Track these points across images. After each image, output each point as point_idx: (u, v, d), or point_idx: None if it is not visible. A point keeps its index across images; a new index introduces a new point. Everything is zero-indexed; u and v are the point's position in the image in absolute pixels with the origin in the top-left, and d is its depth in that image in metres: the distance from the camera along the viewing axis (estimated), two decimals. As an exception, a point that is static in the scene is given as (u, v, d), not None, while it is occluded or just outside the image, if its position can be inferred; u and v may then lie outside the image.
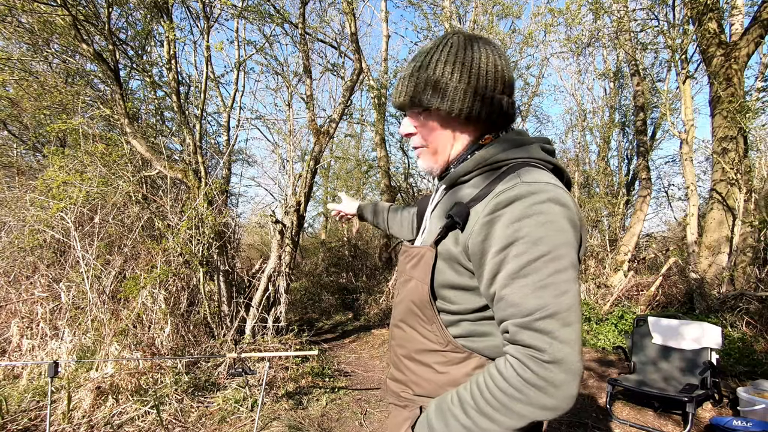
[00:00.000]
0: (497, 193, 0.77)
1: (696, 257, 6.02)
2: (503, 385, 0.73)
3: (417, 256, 0.91)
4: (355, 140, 12.75)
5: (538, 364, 0.69)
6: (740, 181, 5.58)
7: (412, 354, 0.93)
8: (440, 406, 0.83)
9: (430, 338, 0.89)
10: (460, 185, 0.91)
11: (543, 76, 10.44)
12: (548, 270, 0.71)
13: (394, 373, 1.00)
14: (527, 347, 0.71)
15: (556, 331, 0.69)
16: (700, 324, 3.53)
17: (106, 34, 4.32)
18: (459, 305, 0.85)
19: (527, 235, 0.72)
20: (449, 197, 0.92)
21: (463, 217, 0.81)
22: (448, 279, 0.85)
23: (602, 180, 9.90)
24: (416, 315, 0.91)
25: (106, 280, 3.98)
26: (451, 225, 0.83)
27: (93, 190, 4.11)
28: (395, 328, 1.00)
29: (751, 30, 5.78)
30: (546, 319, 0.69)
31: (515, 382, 0.71)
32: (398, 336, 0.98)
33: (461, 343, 0.86)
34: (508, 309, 0.73)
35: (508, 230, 0.73)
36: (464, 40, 0.87)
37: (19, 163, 6.19)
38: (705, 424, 3.16)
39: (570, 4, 6.81)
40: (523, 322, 0.71)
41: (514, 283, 0.73)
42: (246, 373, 3.11)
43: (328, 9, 7.63)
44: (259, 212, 9.30)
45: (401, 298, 0.96)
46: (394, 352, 1.00)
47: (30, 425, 2.93)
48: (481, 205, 0.79)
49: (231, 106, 6.34)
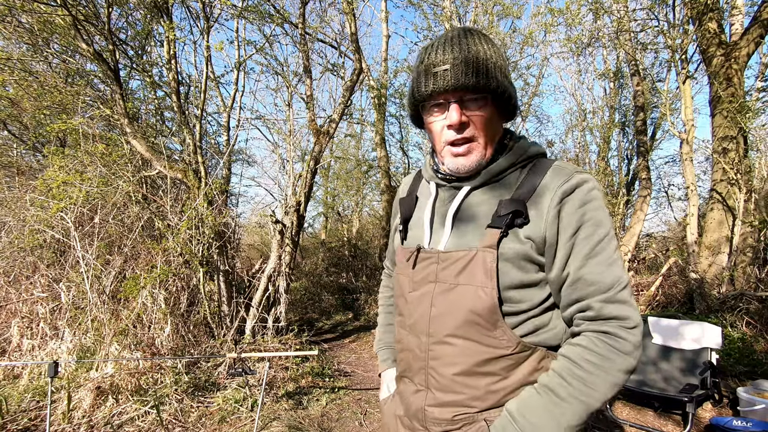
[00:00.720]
0: (558, 183, 0.82)
1: (696, 257, 6.02)
2: (596, 358, 0.77)
3: (461, 260, 0.85)
4: (355, 140, 12.75)
5: (627, 332, 0.77)
6: (740, 181, 5.58)
7: (473, 368, 0.85)
8: (524, 402, 0.81)
9: (495, 345, 0.84)
10: (493, 183, 0.89)
11: (543, 76, 10.45)
12: (612, 247, 0.80)
13: (440, 396, 0.88)
14: (615, 318, 0.78)
15: (630, 299, 0.78)
16: (700, 324, 3.53)
17: (106, 34, 4.32)
18: (525, 303, 0.84)
19: (591, 218, 0.80)
20: (484, 194, 0.89)
21: (525, 211, 0.82)
22: (513, 279, 0.83)
23: (602, 180, 9.89)
24: (477, 324, 0.83)
25: (106, 280, 3.97)
26: (511, 223, 0.82)
27: (93, 190, 4.11)
28: (441, 345, 0.87)
29: (751, 30, 5.78)
30: (623, 290, 0.78)
31: (608, 352, 0.77)
32: (448, 353, 0.87)
33: (527, 340, 0.85)
34: (589, 287, 0.79)
35: (575, 216, 0.80)
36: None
37: (19, 163, 6.19)
38: (705, 424, 3.16)
39: (570, 4, 6.81)
40: (607, 296, 0.78)
41: (589, 263, 0.79)
42: (246, 373, 3.11)
43: (328, 9, 7.64)
44: (259, 212, 9.30)
45: (446, 310, 0.86)
46: (437, 373, 0.88)
47: (30, 425, 2.93)
48: (541, 196, 0.82)
49: (231, 106, 6.34)
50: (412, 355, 0.94)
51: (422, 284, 0.91)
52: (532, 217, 0.82)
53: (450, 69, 0.82)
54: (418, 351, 0.91)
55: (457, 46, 0.84)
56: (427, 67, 0.85)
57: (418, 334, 0.91)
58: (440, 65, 0.83)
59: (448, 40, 0.86)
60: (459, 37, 0.85)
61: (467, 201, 0.90)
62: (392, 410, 1.03)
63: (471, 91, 0.83)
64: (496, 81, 0.83)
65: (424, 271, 0.91)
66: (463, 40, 0.84)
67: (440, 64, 0.83)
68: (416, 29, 9.18)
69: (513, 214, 0.82)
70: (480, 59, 0.82)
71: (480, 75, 0.82)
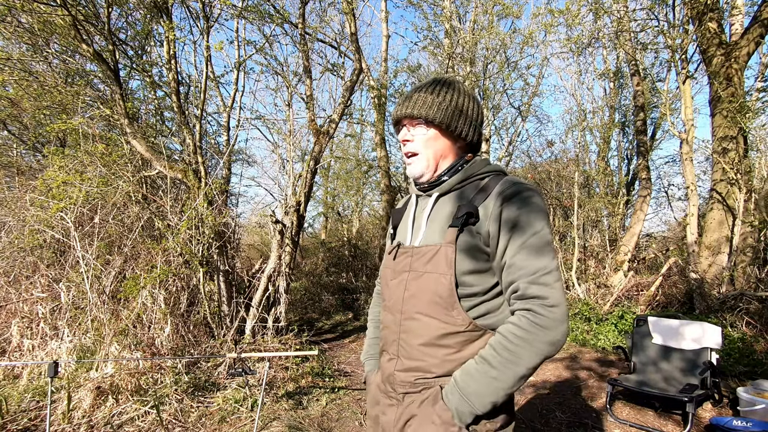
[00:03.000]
0: (501, 191, 1.02)
1: (696, 257, 6.02)
2: (520, 332, 0.94)
3: (429, 253, 1.06)
4: (355, 140, 12.75)
5: (546, 309, 0.93)
6: (740, 181, 5.57)
7: (433, 340, 1.04)
8: (466, 371, 0.99)
9: (451, 322, 1.02)
10: (455, 191, 1.12)
11: (543, 76, 10.45)
12: (543, 242, 0.98)
13: (406, 362, 1.08)
14: (536, 297, 0.94)
15: (554, 284, 0.95)
16: (700, 324, 3.53)
17: (106, 34, 4.32)
18: (478, 287, 1.03)
19: (527, 219, 0.99)
20: (448, 201, 1.12)
21: (476, 213, 1.03)
22: (467, 266, 1.02)
23: (602, 180, 9.90)
24: (438, 304, 1.03)
25: (106, 280, 3.97)
26: (465, 222, 1.03)
27: (93, 190, 4.11)
28: (410, 320, 1.08)
29: (752, 30, 5.78)
30: (547, 275, 0.95)
31: (529, 327, 0.94)
32: (414, 327, 1.07)
33: (479, 322, 1.03)
34: (519, 271, 0.97)
35: (513, 215, 0.99)
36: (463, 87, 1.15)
37: (19, 163, 6.20)
38: (705, 424, 3.16)
39: (570, 4, 6.81)
40: (532, 279, 0.96)
41: (521, 252, 0.97)
42: (246, 373, 3.11)
43: (328, 9, 7.63)
44: (259, 212, 9.30)
45: (414, 292, 1.07)
46: (406, 344, 1.09)
47: (30, 425, 2.93)
48: (489, 201, 1.03)
49: (231, 106, 6.34)
50: (388, 331, 1.15)
51: (400, 273, 1.12)
52: (481, 217, 1.03)
53: (408, 103, 1.11)
54: (393, 326, 1.13)
55: (422, 88, 1.12)
56: (399, 100, 1.16)
57: (393, 312, 1.13)
58: (403, 101, 1.13)
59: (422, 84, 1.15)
60: (429, 83, 1.13)
61: (436, 206, 1.13)
62: (375, 381, 1.23)
63: (415, 118, 1.10)
64: (441, 116, 1.08)
65: (402, 263, 1.13)
66: (430, 86, 1.12)
67: (404, 99, 1.13)
68: (416, 29, 9.18)
69: (467, 215, 1.03)
70: (429, 100, 1.09)
71: (423, 108, 1.08)
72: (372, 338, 1.43)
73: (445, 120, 1.09)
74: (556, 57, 10.52)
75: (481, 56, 9.24)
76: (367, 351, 1.42)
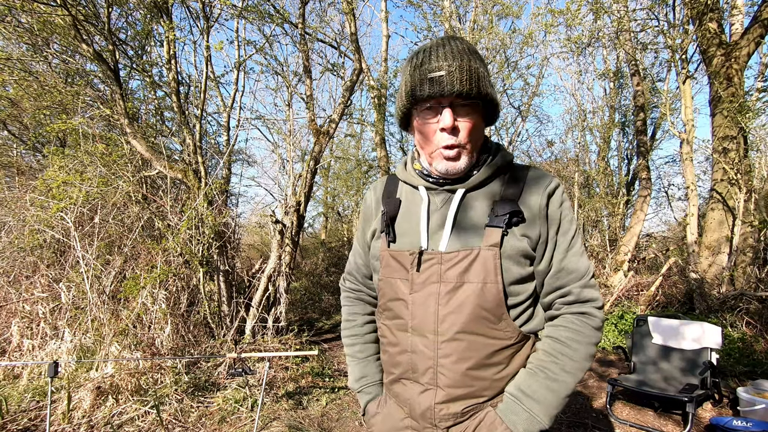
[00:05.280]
0: (545, 187, 0.94)
1: (696, 257, 6.01)
2: (579, 336, 0.91)
3: (466, 258, 0.89)
4: (355, 140, 12.75)
5: (598, 311, 0.93)
6: (740, 181, 5.57)
7: (483, 361, 0.90)
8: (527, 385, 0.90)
9: (500, 337, 0.91)
10: (482, 186, 0.96)
11: (543, 76, 10.44)
12: (581, 240, 0.95)
13: (451, 392, 0.91)
14: (589, 300, 0.92)
15: (596, 283, 0.97)
16: (700, 324, 3.53)
17: (106, 34, 4.32)
18: (523, 295, 0.94)
19: (567, 216, 0.95)
20: (478, 197, 0.95)
21: (520, 212, 0.92)
22: (515, 274, 0.91)
23: (602, 180, 9.90)
24: (484, 318, 0.89)
25: (106, 280, 3.97)
26: (509, 223, 0.91)
27: (93, 190, 4.11)
28: (451, 342, 0.89)
29: (752, 30, 5.78)
30: (593, 277, 0.94)
31: (587, 330, 0.91)
32: (459, 349, 0.89)
33: (524, 329, 0.95)
34: (570, 275, 0.93)
35: (557, 214, 0.94)
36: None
37: (19, 163, 6.19)
38: (705, 424, 3.16)
39: (570, 4, 6.80)
40: (583, 282, 0.93)
41: (568, 255, 0.93)
42: (246, 373, 3.11)
43: (328, 9, 7.64)
44: (259, 212, 9.30)
45: (453, 308, 0.89)
46: (448, 371, 0.90)
47: (30, 425, 2.93)
48: (531, 197, 0.93)
49: (231, 106, 6.34)
50: (417, 356, 0.93)
51: (426, 285, 0.92)
52: (527, 216, 0.92)
53: (446, 75, 0.85)
54: (427, 350, 0.92)
55: (450, 53, 0.87)
56: (423, 72, 0.88)
57: (424, 334, 0.92)
58: (436, 71, 0.86)
59: (441, 45, 0.90)
60: (450, 45, 0.90)
61: (464, 203, 0.95)
62: (388, 423, 1.01)
63: (463, 97, 0.87)
64: (486, 89, 0.88)
65: (426, 272, 0.92)
66: (455, 48, 0.89)
67: (435, 69, 0.86)
68: (416, 29, 9.18)
69: (511, 214, 0.90)
70: (472, 68, 0.87)
71: (473, 83, 0.86)
72: (363, 360, 1.16)
73: (495, 96, 0.91)
74: (556, 57, 10.52)
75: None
76: (361, 376, 1.15)
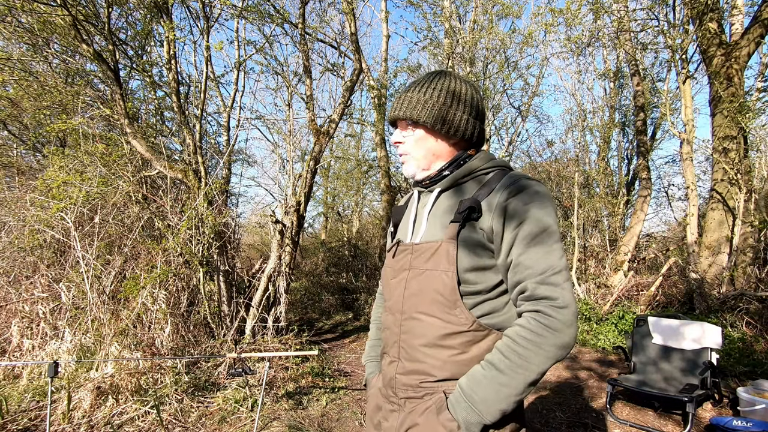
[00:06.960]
0: (506, 185, 0.98)
1: (696, 257, 6.01)
2: (529, 335, 0.89)
3: (429, 249, 1.02)
4: (355, 140, 12.75)
5: (556, 311, 0.88)
6: (740, 181, 5.57)
7: (435, 341, 0.99)
8: (473, 377, 0.94)
9: (454, 322, 0.98)
10: (458, 186, 1.08)
11: (543, 76, 10.44)
12: (551, 240, 0.93)
13: (408, 365, 1.03)
14: (545, 298, 0.90)
15: (563, 283, 0.91)
16: (700, 324, 3.53)
17: (106, 34, 4.32)
18: (480, 284, 0.98)
19: (534, 215, 0.93)
20: (450, 197, 1.08)
21: (478, 207, 0.98)
22: (469, 263, 0.97)
23: (602, 180, 9.89)
24: (439, 302, 0.98)
25: (106, 280, 3.97)
26: (467, 216, 0.98)
27: (93, 190, 4.11)
28: (410, 320, 1.03)
29: (752, 30, 5.78)
30: (556, 275, 0.91)
31: (539, 329, 0.89)
32: (415, 327, 1.02)
33: (483, 321, 0.99)
34: (526, 270, 0.92)
35: (519, 211, 0.94)
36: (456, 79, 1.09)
37: (19, 163, 6.19)
38: (705, 424, 3.16)
39: (570, 4, 6.80)
40: (541, 278, 0.91)
41: (528, 251, 0.93)
42: (246, 373, 3.12)
43: (328, 9, 7.64)
44: (259, 212, 9.31)
45: (415, 291, 1.02)
46: (407, 345, 1.04)
47: (30, 425, 2.93)
48: (492, 195, 0.98)
49: (231, 106, 6.35)
50: (389, 332, 1.10)
51: (400, 271, 1.08)
52: (484, 211, 0.98)
53: (396, 104, 1.09)
54: (394, 327, 1.08)
55: (412, 87, 1.09)
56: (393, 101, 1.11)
57: (394, 313, 1.08)
58: (394, 101, 1.11)
59: (414, 82, 1.11)
60: (421, 80, 1.09)
61: (437, 201, 1.09)
62: (377, 385, 1.19)
63: (404, 120, 1.08)
64: (426, 115, 1.04)
65: (401, 261, 1.09)
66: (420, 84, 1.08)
67: (395, 100, 1.11)
68: (416, 29, 9.18)
69: (469, 210, 0.98)
70: (415, 99, 1.05)
71: (408, 109, 1.05)
72: (374, 340, 1.37)
73: (430, 119, 1.04)
74: (556, 57, 10.52)
75: (481, 56, 9.24)
76: (368, 353, 1.37)
